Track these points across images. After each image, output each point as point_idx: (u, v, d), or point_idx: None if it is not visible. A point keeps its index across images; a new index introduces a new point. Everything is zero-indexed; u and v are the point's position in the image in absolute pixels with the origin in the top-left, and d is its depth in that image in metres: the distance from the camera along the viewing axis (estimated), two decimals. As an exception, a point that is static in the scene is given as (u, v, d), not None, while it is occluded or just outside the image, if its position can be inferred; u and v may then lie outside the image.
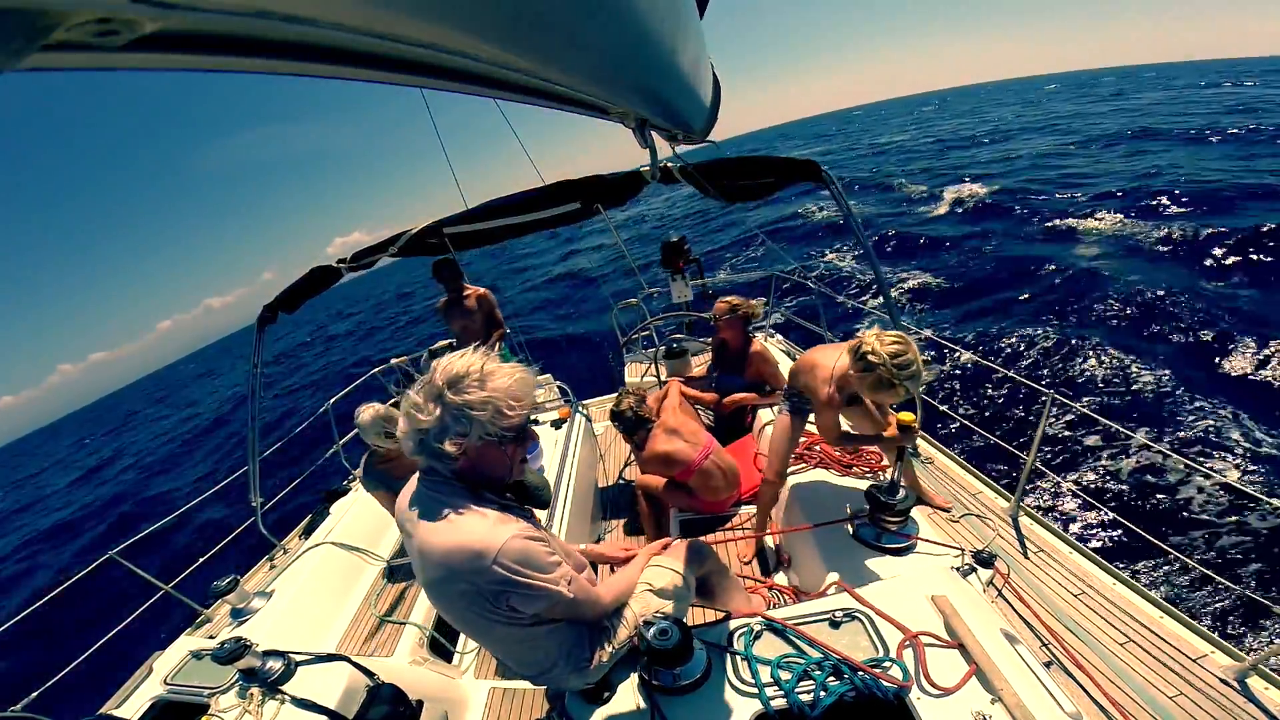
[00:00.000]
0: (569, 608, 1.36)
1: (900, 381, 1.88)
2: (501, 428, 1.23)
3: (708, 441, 3.13)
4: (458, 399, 1.19)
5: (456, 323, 4.64)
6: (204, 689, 2.01)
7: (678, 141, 1.86)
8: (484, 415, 1.20)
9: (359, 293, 78.07)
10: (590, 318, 14.69)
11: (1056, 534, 2.78)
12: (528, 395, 1.27)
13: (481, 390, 1.21)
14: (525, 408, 1.27)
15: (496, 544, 1.19)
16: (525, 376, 1.28)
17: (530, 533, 1.27)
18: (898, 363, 1.87)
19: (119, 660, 2.90)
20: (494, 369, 1.25)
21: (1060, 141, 27.51)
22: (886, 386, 1.91)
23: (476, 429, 1.21)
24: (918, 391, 1.98)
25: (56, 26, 0.22)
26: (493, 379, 1.23)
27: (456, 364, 1.22)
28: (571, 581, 1.34)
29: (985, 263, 12.14)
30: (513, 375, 1.25)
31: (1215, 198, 13.06)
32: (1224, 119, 25.60)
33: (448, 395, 1.19)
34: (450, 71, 0.51)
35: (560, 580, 1.29)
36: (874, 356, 1.89)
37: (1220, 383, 6.61)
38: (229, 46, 0.31)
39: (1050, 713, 1.27)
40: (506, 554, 1.19)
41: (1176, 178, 15.31)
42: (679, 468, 3.02)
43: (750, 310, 3.74)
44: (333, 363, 25.31)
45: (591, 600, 1.45)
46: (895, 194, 21.75)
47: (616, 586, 1.61)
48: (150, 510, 14.00)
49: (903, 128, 62.41)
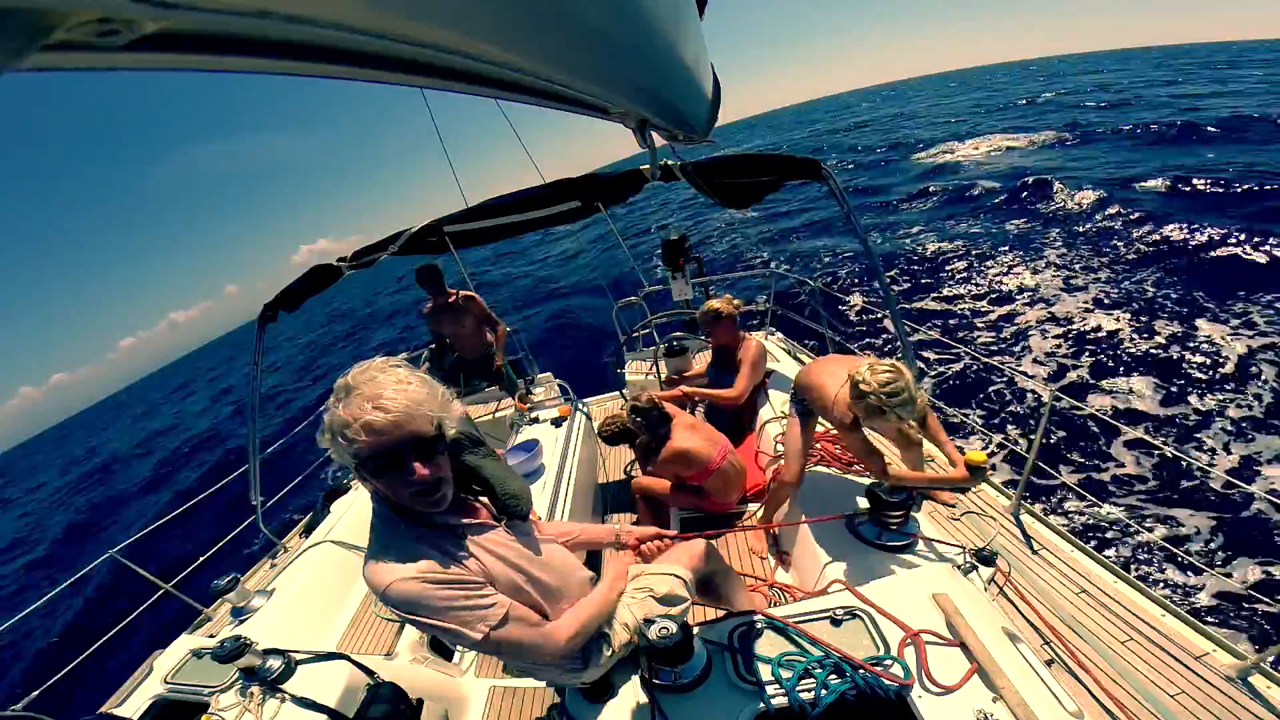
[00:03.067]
0: (496, 650, 1.23)
1: (891, 409, 1.95)
2: (350, 456, 1.06)
3: (724, 442, 3.13)
4: (326, 418, 1.08)
5: (447, 327, 4.63)
6: (204, 688, 2.01)
7: (678, 141, 1.86)
8: (330, 445, 1.08)
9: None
10: (591, 316, 14.69)
11: (1058, 532, 2.78)
12: (379, 421, 1.03)
13: (334, 411, 1.07)
14: (370, 437, 1.04)
15: (383, 584, 1.12)
16: (385, 396, 1.05)
17: (430, 574, 1.13)
18: (887, 391, 1.94)
19: (119, 660, 2.91)
20: (359, 385, 1.07)
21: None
22: (878, 413, 1.98)
23: (335, 446, 1.08)
24: (912, 418, 2.03)
25: (57, 26, 0.21)
26: (346, 400, 1.07)
27: (350, 374, 1.10)
28: (502, 623, 1.20)
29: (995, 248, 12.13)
30: (370, 395, 1.05)
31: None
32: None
33: (329, 408, 1.09)
34: (451, 71, 0.51)
35: (473, 624, 1.16)
36: (865, 385, 1.98)
37: (1222, 381, 6.61)
38: (230, 46, 0.31)
39: (1052, 711, 1.27)
40: (390, 596, 1.12)
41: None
42: (697, 468, 2.98)
43: (728, 310, 3.68)
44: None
45: (536, 641, 1.27)
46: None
47: (582, 616, 1.41)
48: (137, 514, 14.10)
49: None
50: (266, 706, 1.77)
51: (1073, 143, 22.32)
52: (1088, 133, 23.37)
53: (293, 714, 1.74)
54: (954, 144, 27.25)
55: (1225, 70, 46.11)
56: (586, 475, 3.83)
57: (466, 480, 1.40)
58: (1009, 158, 21.87)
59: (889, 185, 21.37)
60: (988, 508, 2.96)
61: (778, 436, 3.28)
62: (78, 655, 2.90)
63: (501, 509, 1.40)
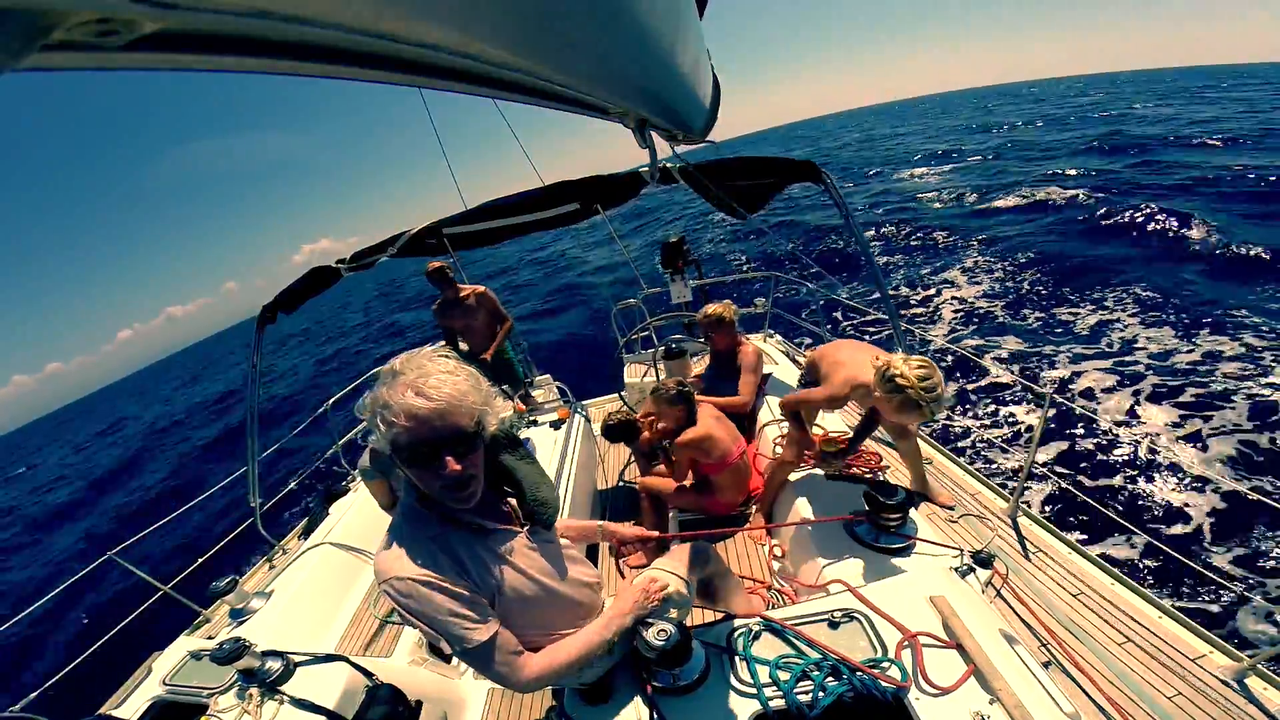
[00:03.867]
0: (468, 663, 1.23)
1: (926, 403, 1.97)
2: (388, 441, 1.07)
3: (743, 441, 3.17)
4: (368, 397, 1.09)
5: (459, 322, 4.63)
6: (203, 689, 2.01)
7: (677, 142, 1.86)
8: (368, 422, 1.09)
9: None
10: (590, 318, 14.68)
11: (1055, 534, 2.78)
12: (422, 409, 1.04)
13: (378, 391, 1.08)
14: (411, 424, 1.04)
15: (386, 574, 1.14)
16: (429, 384, 1.06)
17: (433, 579, 1.14)
18: (925, 385, 1.96)
19: (119, 660, 2.90)
20: (405, 371, 1.08)
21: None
22: (914, 408, 1.99)
23: (375, 436, 1.09)
24: (939, 412, 2.06)
25: (56, 26, 0.22)
26: (390, 384, 1.07)
27: (399, 359, 1.11)
28: (480, 646, 1.18)
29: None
30: (414, 382, 1.06)
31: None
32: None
33: (373, 388, 1.10)
34: (450, 71, 0.51)
35: (453, 638, 1.16)
36: (903, 379, 1.99)
37: (1224, 386, 6.61)
38: (229, 46, 0.32)
39: (1048, 713, 1.27)
40: (394, 586, 1.13)
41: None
42: (715, 458, 3.00)
43: (729, 315, 3.65)
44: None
45: (501, 672, 1.23)
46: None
47: (556, 660, 1.31)
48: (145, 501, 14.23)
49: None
50: (265, 708, 1.77)
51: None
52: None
53: (291, 716, 1.74)
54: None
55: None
56: (585, 478, 3.83)
57: (499, 480, 1.40)
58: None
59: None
60: (985, 510, 2.96)
61: (777, 439, 3.28)
62: (78, 655, 2.90)
63: (527, 514, 1.38)
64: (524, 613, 1.31)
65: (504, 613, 1.26)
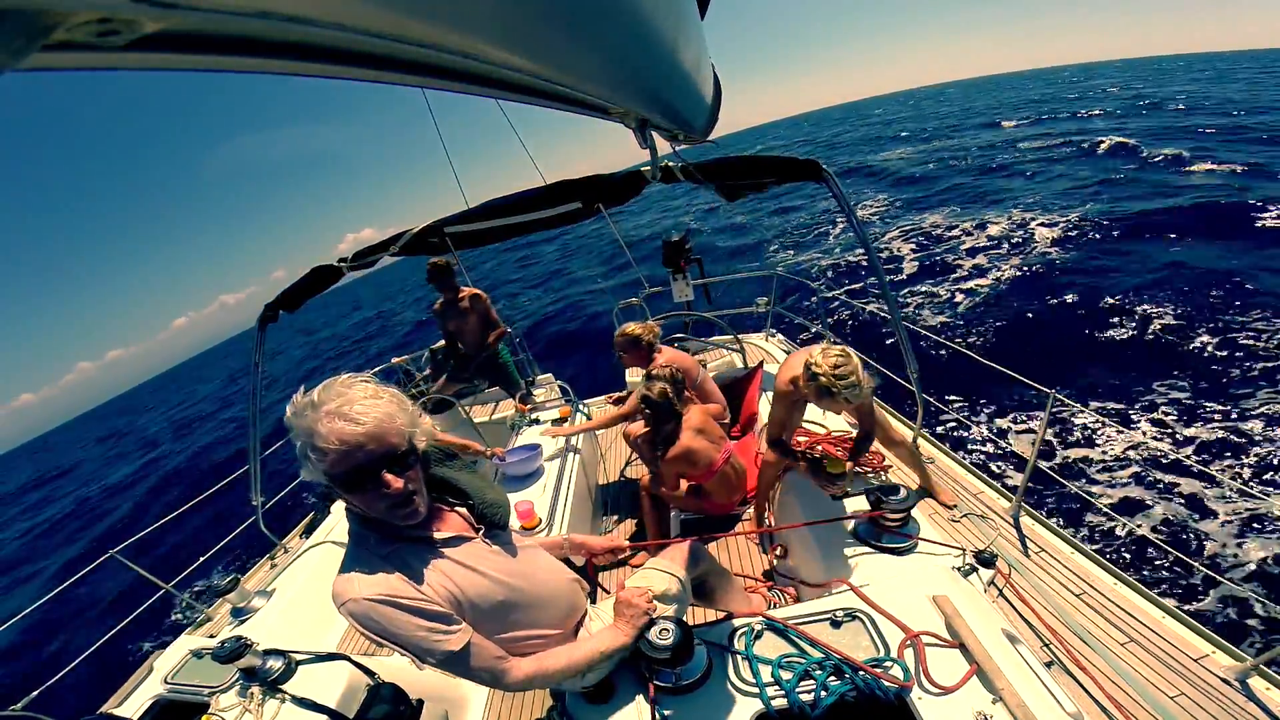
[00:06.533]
0: (447, 666, 1.21)
1: (839, 390, 2.06)
2: (322, 473, 1.06)
3: (728, 443, 3.14)
4: (294, 423, 1.07)
5: (451, 323, 4.69)
6: (204, 688, 2.01)
7: (678, 141, 1.86)
8: (298, 457, 1.07)
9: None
10: (591, 317, 14.69)
11: (1058, 534, 2.78)
12: (353, 435, 1.03)
13: (299, 424, 1.05)
14: (344, 449, 1.03)
15: (344, 596, 1.13)
16: (355, 410, 1.05)
17: (390, 595, 1.12)
18: (837, 373, 2.06)
19: (119, 660, 2.91)
20: (327, 400, 1.06)
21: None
22: (828, 394, 2.09)
23: (305, 470, 1.08)
24: (859, 400, 2.17)
25: (57, 26, 0.21)
26: (313, 415, 1.05)
27: (315, 390, 1.08)
28: (454, 654, 1.17)
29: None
30: (338, 410, 1.05)
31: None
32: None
33: (291, 425, 1.07)
34: (451, 71, 0.51)
35: (424, 653, 1.15)
36: (816, 368, 2.10)
37: (1226, 387, 6.60)
38: (230, 46, 0.31)
39: (1051, 713, 1.27)
40: (350, 609, 1.12)
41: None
42: (700, 469, 2.97)
43: (640, 335, 3.60)
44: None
45: (484, 677, 1.25)
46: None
47: (546, 666, 1.33)
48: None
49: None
50: (267, 707, 1.77)
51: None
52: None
53: (293, 714, 1.74)
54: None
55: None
56: (587, 476, 3.83)
57: (442, 492, 1.39)
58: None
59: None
60: (988, 509, 2.96)
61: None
62: (77, 656, 2.90)
63: (480, 518, 1.38)
64: (500, 616, 1.30)
65: (476, 619, 1.25)
